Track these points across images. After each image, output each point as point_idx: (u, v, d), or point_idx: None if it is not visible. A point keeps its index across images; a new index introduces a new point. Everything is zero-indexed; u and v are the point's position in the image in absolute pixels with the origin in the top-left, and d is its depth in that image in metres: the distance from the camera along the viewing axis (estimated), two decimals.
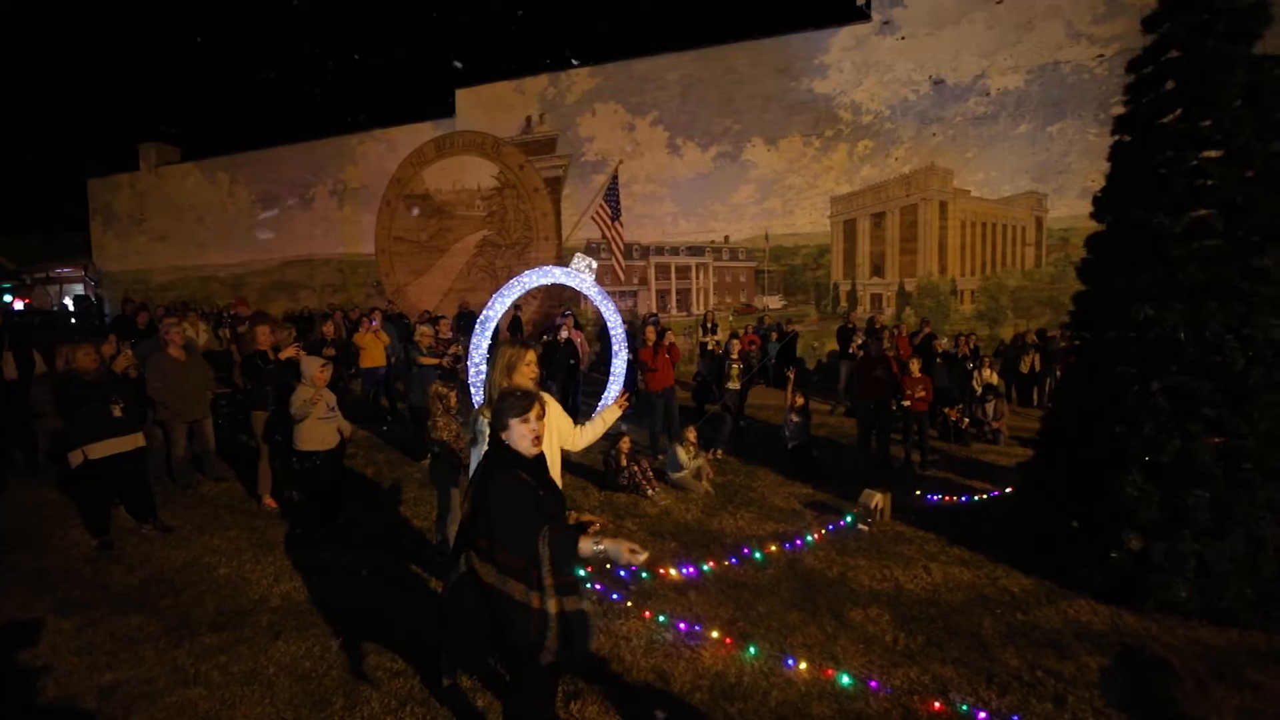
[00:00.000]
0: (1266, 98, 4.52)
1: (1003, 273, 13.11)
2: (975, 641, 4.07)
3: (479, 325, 9.40)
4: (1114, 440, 4.70)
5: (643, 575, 4.86)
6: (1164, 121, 4.91)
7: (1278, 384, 4.39)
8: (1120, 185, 5.12)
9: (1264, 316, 4.40)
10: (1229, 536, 4.35)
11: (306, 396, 5.27)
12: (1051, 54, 12.45)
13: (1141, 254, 4.81)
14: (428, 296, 17.22)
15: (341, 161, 18.42)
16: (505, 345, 3.35)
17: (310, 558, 5.13)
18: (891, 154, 13.45)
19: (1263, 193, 4.47)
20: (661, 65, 14.72)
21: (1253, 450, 4.34)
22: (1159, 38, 4.93)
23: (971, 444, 9.37)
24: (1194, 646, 4.10)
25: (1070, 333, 5.53)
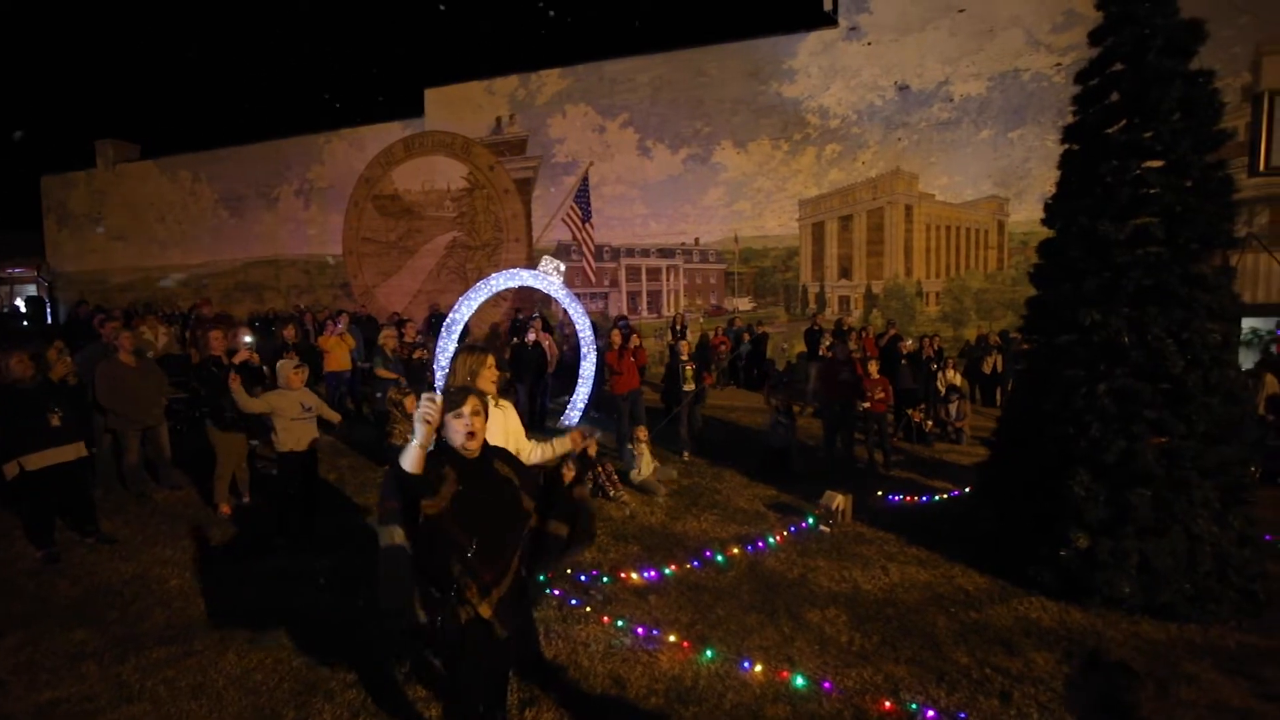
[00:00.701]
0: (1202, 111, 4.69)
1: (966, 275, 13.38)
2: (928, 640, 4.15)
3: (445, 329, 9.36)
4: (1063, 441, 4.84)
5: (603, 580, 4.87)
6: (1109, 132, 5.07)
7: (1215, 386, 4.56)
8: (1069, 193, 5.26)
9: (1201, 321, 4.57)
10: (1169, 534, 4.50)
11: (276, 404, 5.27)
12: (1012, 62, 12.75)
13: (1089, 260, 4.95)
14: (397, 298, 17.01)
15: (308, 161, 18.11)
16: (463, 353, 3.33)
17: (266, 566, 5.04)
18: (858, 158, 13.65)
19: (1200, 202, 4.64)
20: (632, 67, 14.74)
21: (1191, 450, 4.50)
22: (1104, 51, 5.08)
23: (935, 444, 9.55)
24: (1136, 640, 4.23)
25: (1024, 336, 5.67)
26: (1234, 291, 4.83)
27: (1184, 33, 4.77)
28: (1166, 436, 4.55)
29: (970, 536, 5.60)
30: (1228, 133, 4.86)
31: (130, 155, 20.77)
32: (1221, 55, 11.54)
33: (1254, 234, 11.77)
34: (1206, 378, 4.56)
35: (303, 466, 5.36)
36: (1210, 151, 4.78)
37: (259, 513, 6.04)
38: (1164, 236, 4.66)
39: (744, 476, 7.61)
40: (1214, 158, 4.81)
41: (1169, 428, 4.53)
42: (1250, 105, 11.45)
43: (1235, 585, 4.51)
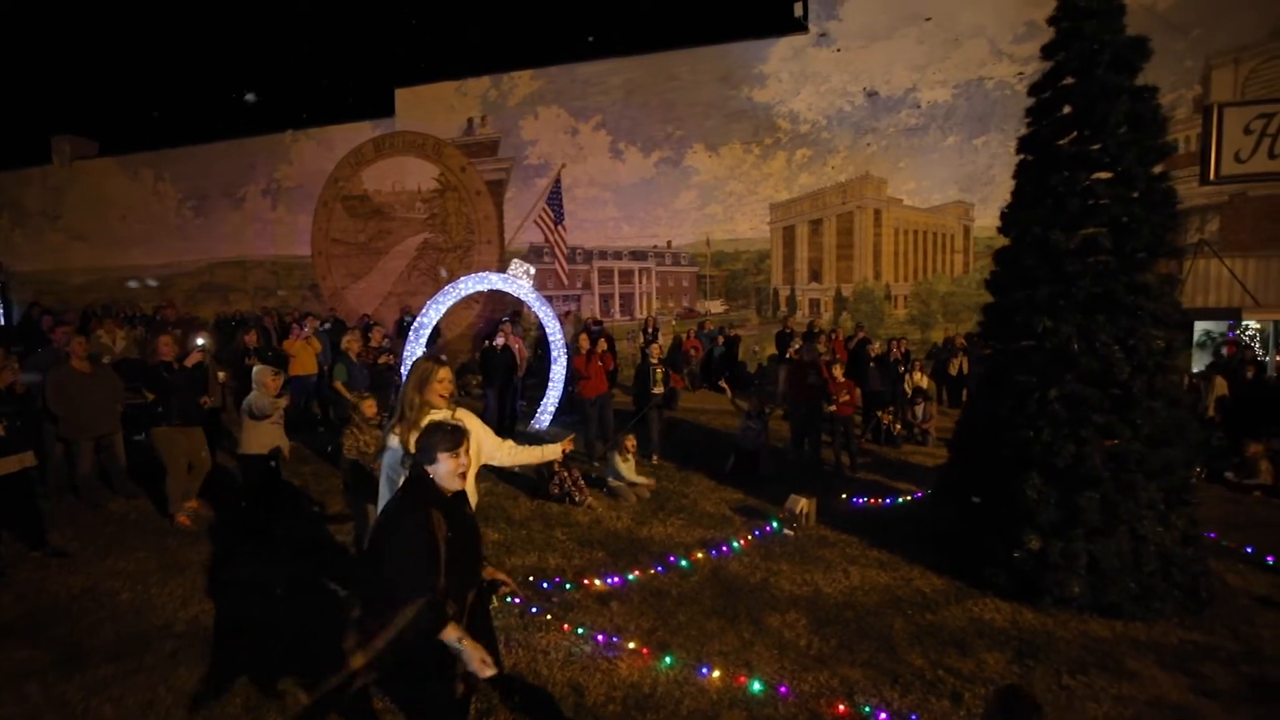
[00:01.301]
0: (1147, 125, 4.84)
1: (933, 278, 13.62)
2: (884, 643, 4.23)
3: (412, 333, 9.29)
4: (1018, 445, 4.96)
5: (566, 586, 4.87)
6: (1060, 144, 5.21)
7: (1159, 392, 4.72)
8: (1023, 203, 5.39)
9: (1147, 329, 4.72)
10: (1116, 534, 4.64)
11: (265, 399, 5.21)
12: (976, 70, 13.01)
13: (1041, 269, 5.08)
14: (367, 300, 16.79)
15: (275, 160, 17.79)
16: (421, 360, 3.31)
17: (224, 576, 4.96)
18: (828, 162, 13.81)
19: (1145, 213, 4.79)
20: (604, 70, 14.74)
21: (1136, 453, 4.65)
22: (1055, 65, 5.22)
23: (902, 445, 9.71)
24: (1084, 639, 4.36)
25: (982, 342, 5.80)
26: (1177, 300, 5.00)
27: (1130, 49, 4.92)
28: (1113, 440, 4.68)
29: (930, 538, 5.72)
30: (1171, 146, 5.02)
31: (88, 152, 20.20)
32: (1175, 68, 11.95)
33: (1206, 240, 12.18)
34: (1151, 383, 4.71)
35: (268, 469, 5.30)
36: (1155, 164, 4.94)
37: (217, 522, 5.92)
38: (1111, 246, 4.80)
39: (712, 480, 7.66)
40: (1158, 170, 4.96)
41: (1116, 432, 4.67)
42: (1201, 116, 11.82)
43: (1178, 583, 4.67)
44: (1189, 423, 4.94)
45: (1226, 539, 6.25)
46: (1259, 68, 11.51)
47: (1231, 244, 12.06)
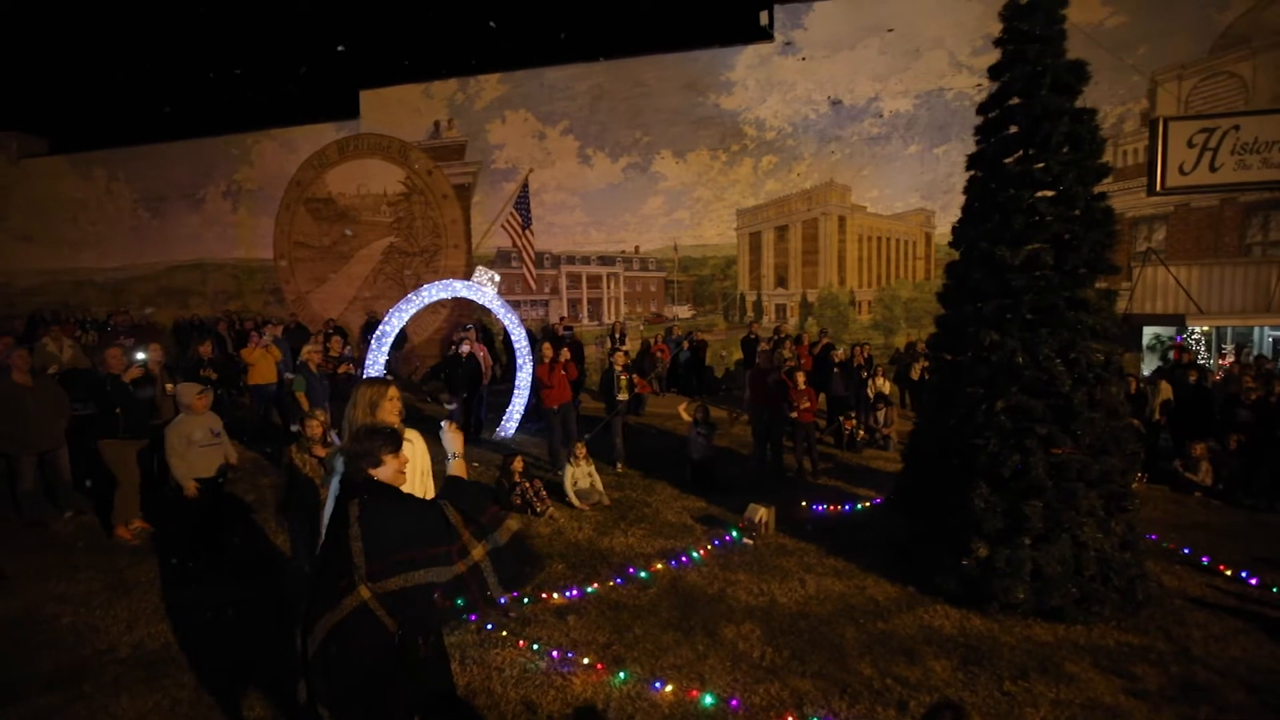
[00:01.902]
0: (1086, 145, 5.02)
1: (896, 284, 13.89)
2: (836, 653, 4.31)
3: (375, 341, 9.18)
4: (966, 455, 5.10)
5: (524, 601, 4.87)
6: (1006, 162, 5.36)
7: (1098, 403, 4.89)
8: (971, 218, 5.55)
9: (1086, 342, 4.89)
10: (1058, 542, 4.80)
11: (180, 434, 5.06)
12: (937, 81, 13.30)
13: (988, 283, 5.23)
14: (332, 305, 16.52)
15: (235, 161, 17.40)
16: (364, 384, 3.28)
17: (173, 597, 4.85)
18: (794, 169, 13.99)
19: (1085, 231, 4.97)
20: (571, 75, 14.73)
21: (1077, 463, 4.81)
22: (1001, 86, 5.38)
23: (863, 450, 9.87)
24: (1027, 644, 4.50)
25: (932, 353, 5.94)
26: (1116, 314, 5.18)
27: (1070, 73, 5.09)
28: (1058, 450, 4.84)
29: (885, 545, 5.85)
30: (1109, 167, 5.20)
31: (36, 149, 19.51)
32: (1123, 83, 12.38)
33: (1153, 249, 12.63)
34: (1091, 395, 4.88)
35: (209, 493, 5.18)
36: (1094, 183, 5.12)
37: (164, 540, 5.78)
38: (1053, 263, 4.97)
39: (675, 488, 7.71)
40: (1098, 189, 5.14)
41: (1057, 441, 4.83)
42: (1148, 130, 12.26)
43: (1116, 587, 4.85)
44: (1127, 432, 5.13)
45: (1166, 540, 6.51)
46: (1200, 84, 11.98)
47: (1177, 252, 12.52)
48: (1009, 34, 5.30)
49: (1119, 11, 12.24)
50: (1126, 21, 12.24)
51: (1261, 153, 11.66)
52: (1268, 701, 3.93)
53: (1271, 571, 5.84)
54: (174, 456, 5.25)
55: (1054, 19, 5.19)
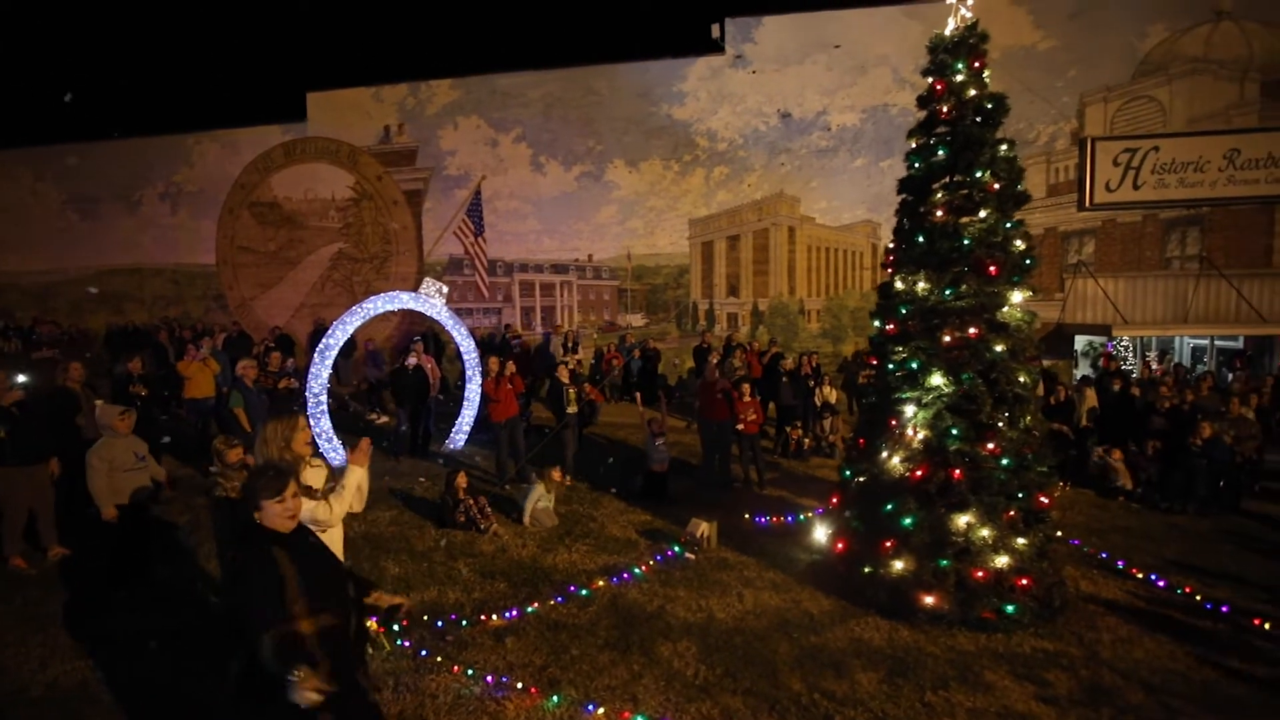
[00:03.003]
0: (1006, 174, 5.27)
1: (843, 294, 14.25)
2: (768, 669, 4.42)
3: (318, 355, 9.00)
4: (893, 470, 5.28)
5: (462, 624, 4.85)
6: (934, 187, 5.58)
7: (1016, 421, 5.13)
8: (902, 241, 5.76)
9: (1005, 363, 5.13)
10: (981, 553, 5.02)
11: (102, 457, 4.89)
12: (882, 97, 13.70)
13: (915, 304, 5.44)
14: (277, 311, 16.09)
15: (175, 162, 16.78)
16: (272, 423, 3.26)
17: (92, 630, 4.67)
18: (745, 180, 14.24)
19: (1004, 256, 5.21)
20: (524, 82, 14.68)
21: (998, 479, 5.04)
22: (929, 114, 5.60)
23: (810, 459, 10.09)
24: (951, 654, 4.69)
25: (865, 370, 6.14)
26: (1033, 337, 5.44)
27: (993, 104, 5.34)
28: (978, 467, 5.07)
29: (822, 557, 6.01)
30: (1026, 195, 5.46)
31: None
32: (1055, 104, 12.97)
33: (1083, 262, 13.26)
34: (1010, 414, 5.12)
35: (133, 518, 5.01)
36: (1014, 210, 5.37)
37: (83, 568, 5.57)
38: (975, 287, 5.19)
39: (623, 501, 7.77)
40: (1016, 216, 5.40)
41: (980, 459, 5.05)
42: (1078, 148, 12.87)
43: (1035, 595, 5.09)
44: (1045, 449, 5.40)
45: (1088, 545, 6.85)
46: (1124, 106, 12.65)
47: (1105, 265, 13.18)
48: (935, 66, 5.52)
49: (1050, 36, 12.83)
50: (1057, 45, 12.83)
51: (1178, 172, 12.37)
52: (1163, 701, 4.20)
53: (1179, 573, 6.22)
54: (95, 479, 5.07)
55: (977, 52, 5.43)
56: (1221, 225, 12.56)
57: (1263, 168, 12.07)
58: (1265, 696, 4.26)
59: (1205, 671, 4.55)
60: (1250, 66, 12.12)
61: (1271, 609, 5.47)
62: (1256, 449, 8.75)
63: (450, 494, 6.80)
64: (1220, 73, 12.21)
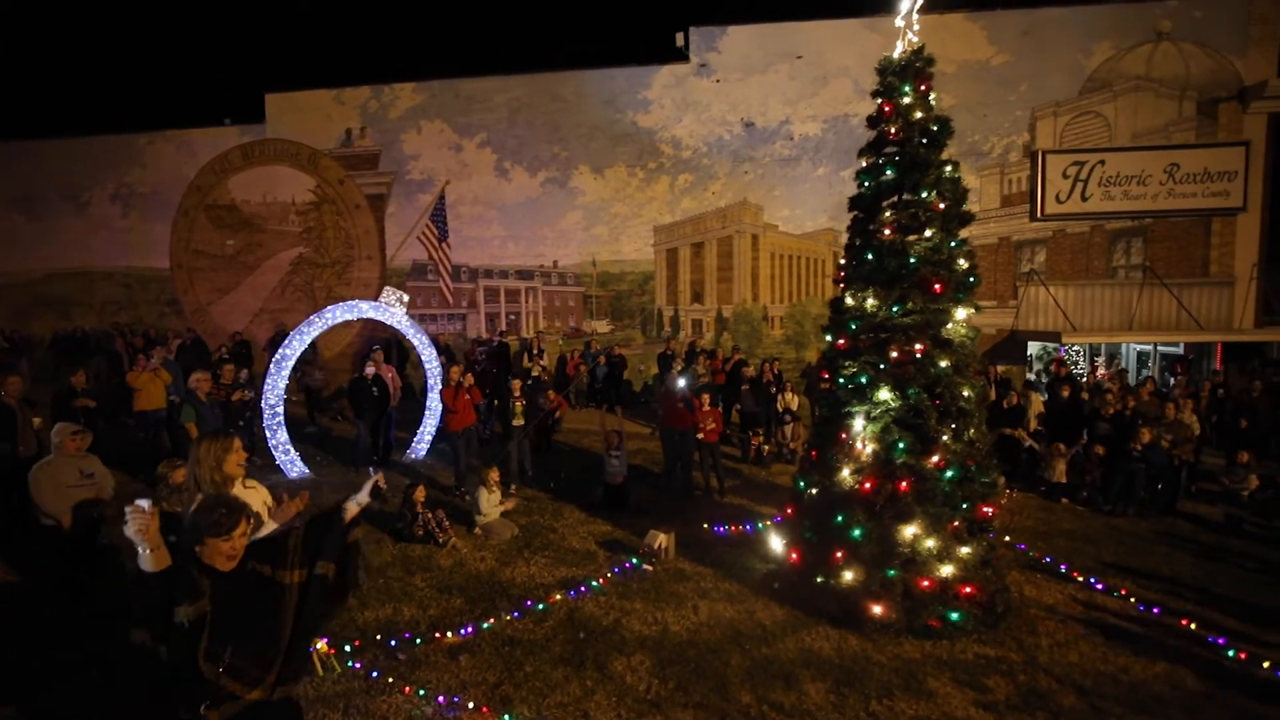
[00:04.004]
0: (951, 194, 5.44)
1: (806, 301, 14.47)
2: (719, 681, 4.50)
3: (274, 365, 8.87)
4: (843, 482, 5.41)
5: (416, 642, 4.84)
6: (883, 205, 5.74)
7: (960, 434, 5.30)
8: (852, 258, 5.90)
9: (950, 378, 5.29)
10: (927, 563, 5.17)
11: (47, 474, 4.76)
12: (843, 107, 13.96)
13: (864, 319, 5.58)
14: (235, 317, 15.73)
15: (126, 163, 16.29)
16: (205, 440, 3.22)
17: (28, 657, 4.54)
18: (709, 188, 14.38)
19: (949, 275, 5.38)
20: (489, 87, 14.61)
21: (943, 491, 5.20)
22: (878, 135, 5.76)
23: (772, 465, 10.24)
24: (897, 661, 4.83)
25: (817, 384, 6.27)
26: (976, 353, 5.62)
27: (938, 126, 5.51)
28: (924, 479, 5.22)
29: (777, 567, 6.12)
30: (970, 215, 5.65)
31: None
32: (1007, 118, 13.38)
33: (1035, 270, 13.70)
34: (955, 427, 5.29)
35: (77, 536, 4.89)
36: (958, 229, 5.55)
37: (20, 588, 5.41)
38: (921, 305, 5.35)
39: (583, 512, 7.79)
40: (961, 234, 5.58)
41: (925, 472, 5.21)
42: (1030, 160, 13.29)
43: (979, 602, 5.27)
44: (989, 460, 5.58)
45: (1034, 549, 7.10)
46: (1072, 121, 13.11)
47: (1055, 274, 13.63)
48: (884, 89, 5.68)
49: (1003, 51, 13.23)
50: (1010, 61, 13.23)
51: (1123, 185, 12.87)
52: (1094, 703, 4.39)
53: (1116, 575, 6.49)
54: (42, 494, 4.94)
55: (923, 76, 5.60)
56: (1163, 236, 13.10)
57: (1199, 182, 12.63)
58: (1187, 696, 4.49)
59: (1135, 672, 4.77)
60: (1188, 86, 12.67)
61: (1199, 609, 5.77)
62: (1192, 452, 9.16)
63: (408, 507, 6.75)
64: (1160, 91, 12.74)
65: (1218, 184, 12.63)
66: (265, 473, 8.91)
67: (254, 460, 9.36)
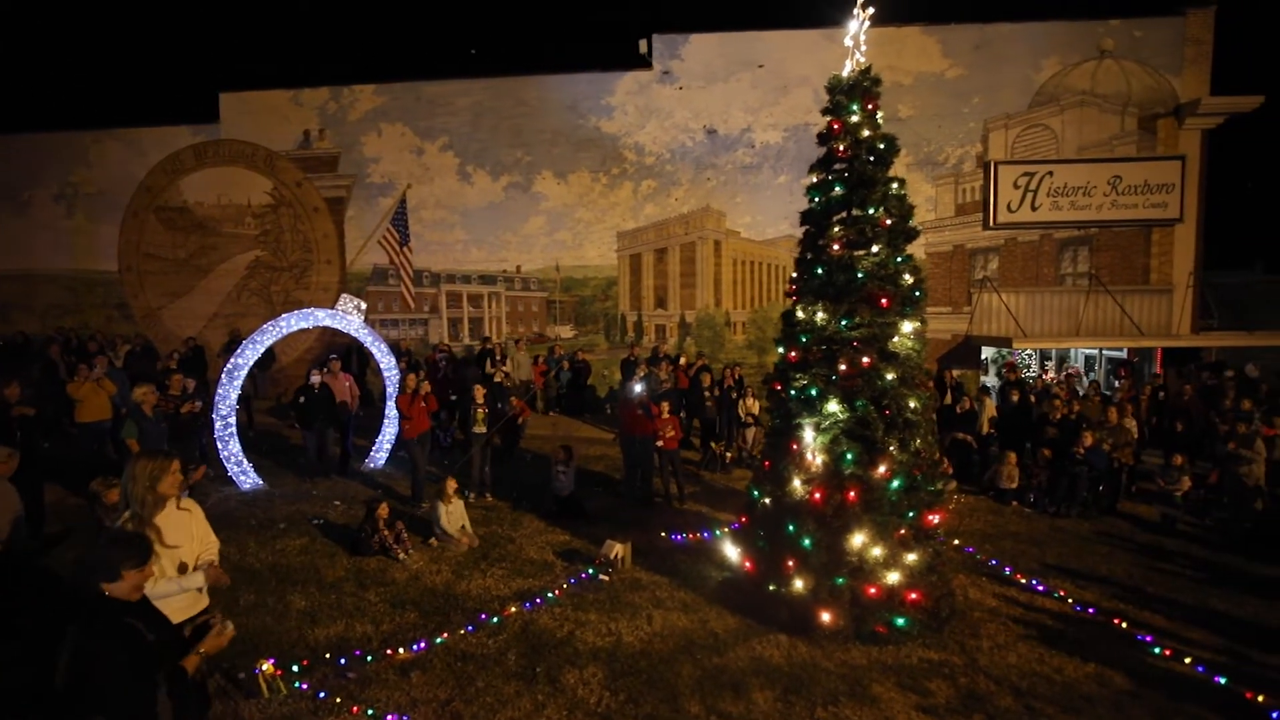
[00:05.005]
0: (897, 210, 5.60)
1: (768, 306, 14.65)
2: (669, 693, 4.56)
3: (225, 376, 8.67)
4: (793, 492, 5.52)
5: (366, 659, 4.79)
6: (832, 220, 5.87)
7: (906, 445, 5.46)
8: (803, 271, 6.02)
9: (896, 390, 5.44)
10: (874, 571, 5.31)
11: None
12: (803, 116, 14.16)
13: (814, 333, 5.71)
14: (188, 322, 15.28)
15: (71, 162, 15.71)
16: (143, 458, 3.15)
17: None
18: (672, 194, 14.47)
19: (895, 289, 5.53)
20: (451, 90, 14.48)
21: (889, 500, 5.35)
22: (827, 152, 5.89)
23: (733, 470, 10.36)
24: (844, 668, 4.95)
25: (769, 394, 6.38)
26: (922, 365, 5.78)
27: (885, 144, 5.67)
28: (871, 489, 5.36)
29: (732, 574, 6.22)
30: (916, 230, 5.81)
31: None
32: (961, 129, 13.75)
33: (988, 277, 14.10)
34: (901, 438, 5.44)
35: None
36: (904, 245, 5.71)
37: None
38: (869, 318, 5.49)
39: (542, 521, 7.80)
40: (906, 249, 5.74)
41: (872, 482, 5.34)
42: (983, 171, 13.69)
43: (924, 608, 5.43)
44: (935, 469, 5.76)
45: (981, 552, 7.33)
46: (1022, 133, 13.54)
47: (1007, 281, 14.04)
48: (833, 107, 5.81)
49: (957, 64, 13.60)
50: (963, 74, 13.61)
51: (1070, 196, 13.34)
52: (1028, 704, 4.57)
53: (1058, 576, 6.75)
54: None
55: (870, 95, 5.75)
56: (1107, 245, 13.61)
57: (1140, 193, 13.16)
58: (1115, 694, 4.69)
59: (1068, 672, 4.97)
60: (1129, 101, 13.19)
61: (1131, 608, 6.04)
62: (1132, 455, 9.55)
63: (370, 523, 6.66)
64: (1104, 106, 13.24)
65: (1157, 196, 13.18)
66: (217, 484, 8.73)
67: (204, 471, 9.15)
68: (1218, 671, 4.93)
